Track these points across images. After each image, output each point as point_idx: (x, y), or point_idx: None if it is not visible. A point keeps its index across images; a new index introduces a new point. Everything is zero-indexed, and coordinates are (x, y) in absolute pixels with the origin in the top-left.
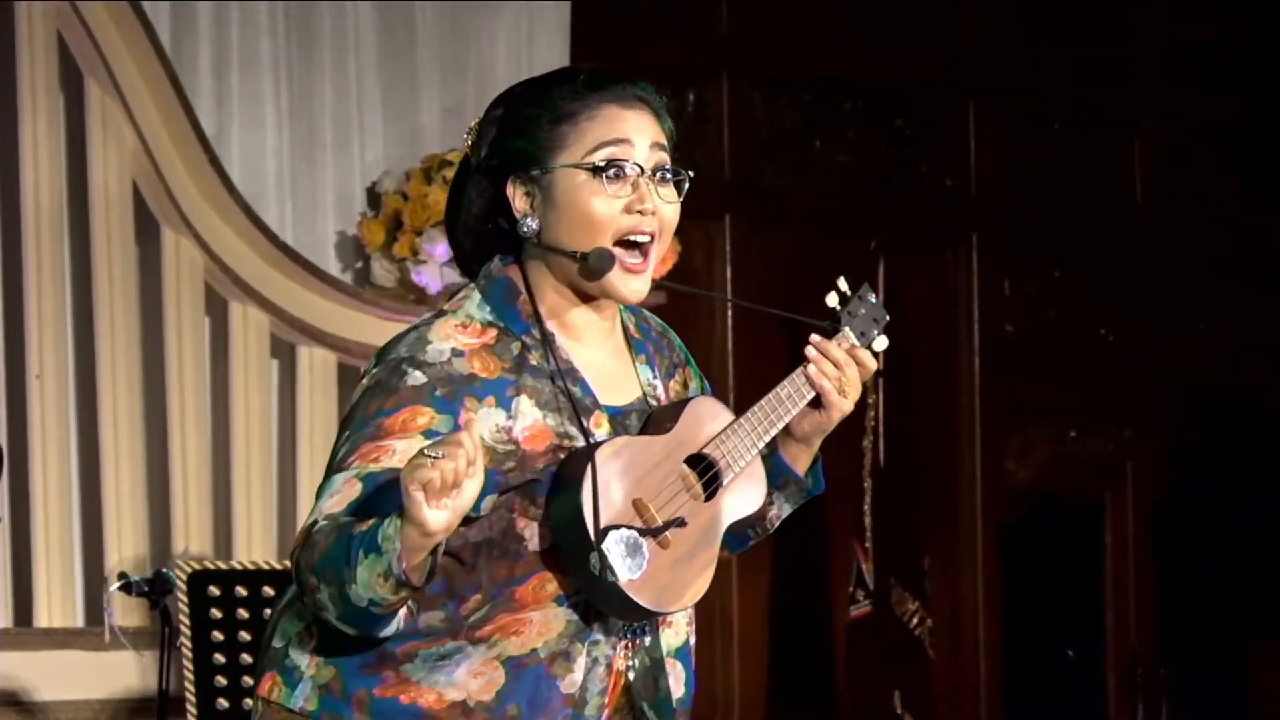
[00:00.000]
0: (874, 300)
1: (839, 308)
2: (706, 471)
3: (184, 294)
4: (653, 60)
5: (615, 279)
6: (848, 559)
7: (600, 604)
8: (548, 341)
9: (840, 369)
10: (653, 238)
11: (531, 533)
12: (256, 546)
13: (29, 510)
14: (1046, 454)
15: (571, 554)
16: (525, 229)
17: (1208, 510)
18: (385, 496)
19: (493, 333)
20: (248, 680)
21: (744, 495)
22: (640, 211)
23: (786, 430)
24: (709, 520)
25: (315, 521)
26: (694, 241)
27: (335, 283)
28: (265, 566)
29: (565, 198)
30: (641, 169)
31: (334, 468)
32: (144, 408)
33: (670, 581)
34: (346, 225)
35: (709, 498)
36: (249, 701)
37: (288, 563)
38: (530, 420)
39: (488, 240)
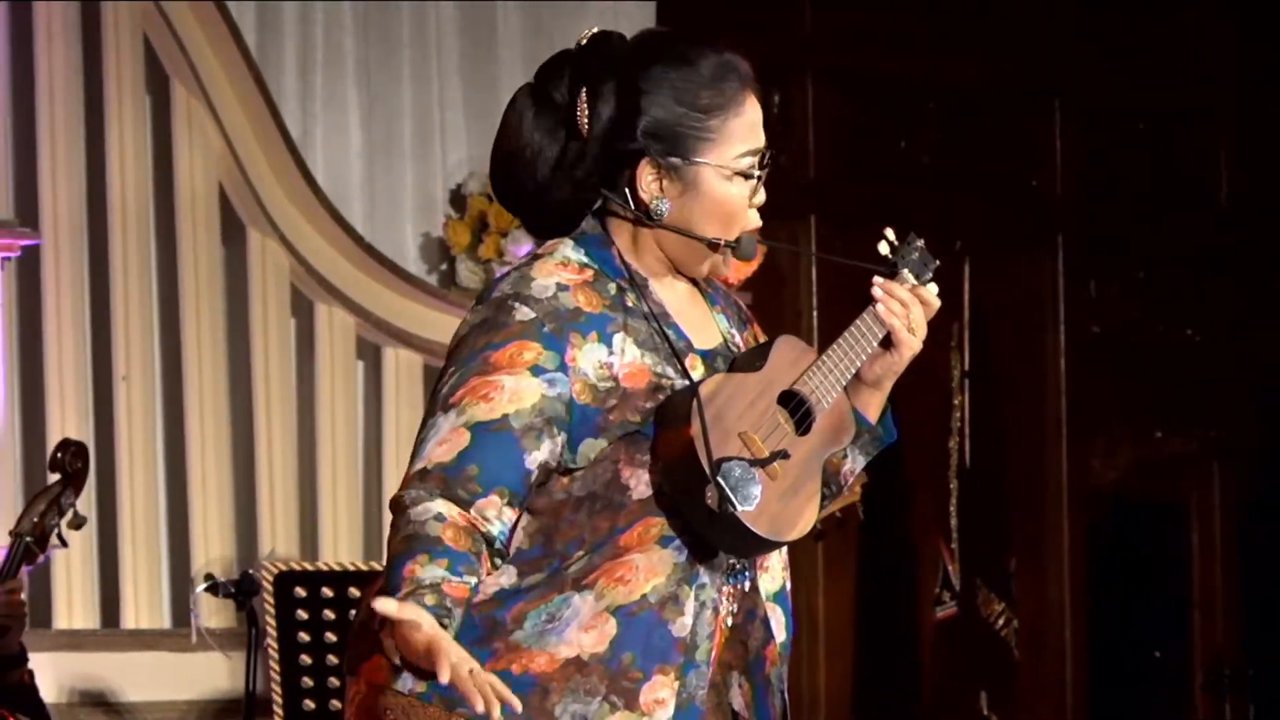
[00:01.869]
0: (923, 246)
1: (891, 255)
2: (799, 407)
3: (270, 296)
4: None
5: (718, 261)
6: (934, 560)
7: (716, 540)
8: (639, 285)
9: (906, 306)
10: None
11: (637, 480)
12: (342, 547)
13: (116, 512)
14: (1132, 454)
15: (685, 491)
16: (657, 210)
17: None
18: (490, 452)
19: (590, 272)
20: (334, 681)
21: (834, 431)
22: (754, 206)
23: (857, 376)
24: (808, 454)
25: (424, 469)
26: (779, 241)
27: (421, 284)
28: (351, 567)
29: (709, 192)
30: (761, 171)
31: (440, 403)
32: (230, 409)
33: (781, 511)
34: (429, 227)
35: (803, 432)
36: (335, 703)
37: (374, 564)
38: (630, 358)
39: (586, 186)
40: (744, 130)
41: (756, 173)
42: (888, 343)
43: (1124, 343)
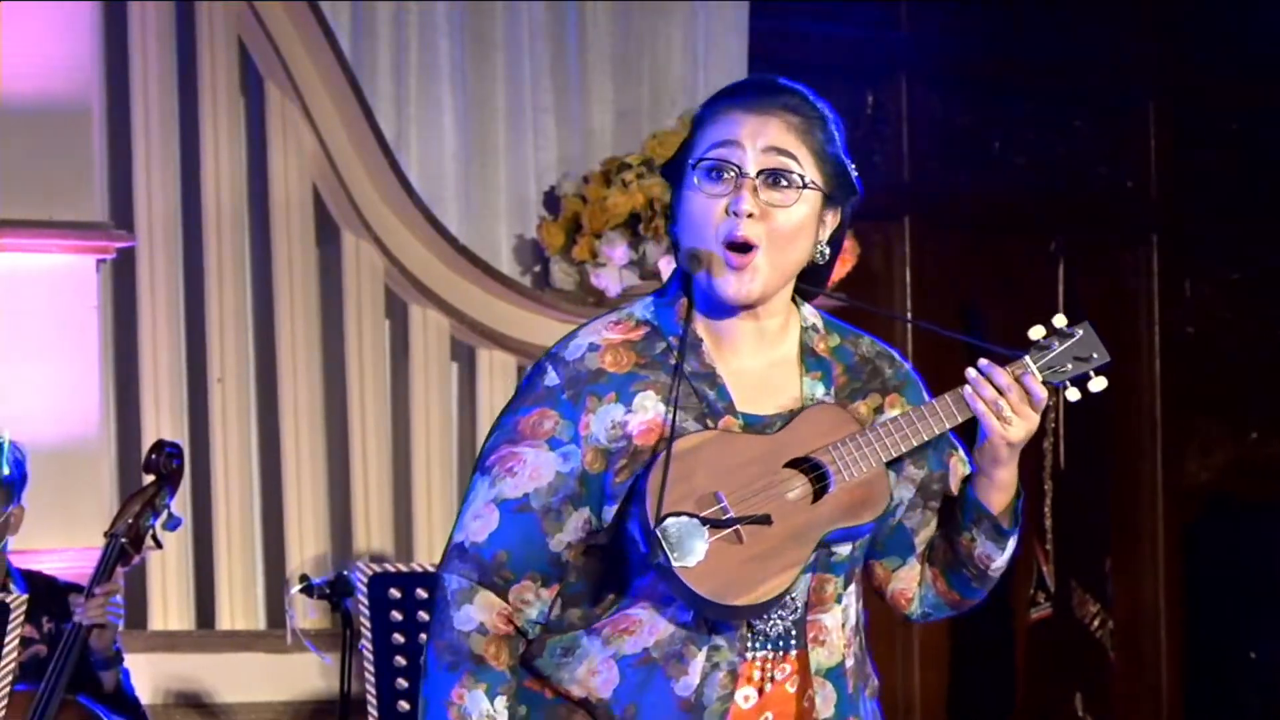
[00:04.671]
0: (1085, 337)
1: (1044, 338)
2: (817, 475)
3: (364, 297)
4: (831, 60)
5: (717, 279)
6: (1028, 561)
7: (674, 593)
8: (686, 342)
9: (1002, 393)
10: (750, 243)
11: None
12: (437, 549)
13: (211, 513)
14: (1227, 455)
15: (640, 541)
16: (670, 231)
17: None
18: (517, 538)
19: (643, 330)
20: None
21: (855, 506)
22: (735, 213)
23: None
24: (805, 523)
25: (461, 546)
26: (873, 243)
27: (514, 285)
28: None
29: (684, 198)
30: (740, 170)
31: (480, 464)
32: (324, 410)
33: (741, 576)
34: (522, 228)
35: (816, 499)
36: None
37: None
38: (650, 415)
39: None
40: (717, 130)
41: (724, 168)
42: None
43: (1218, 343)
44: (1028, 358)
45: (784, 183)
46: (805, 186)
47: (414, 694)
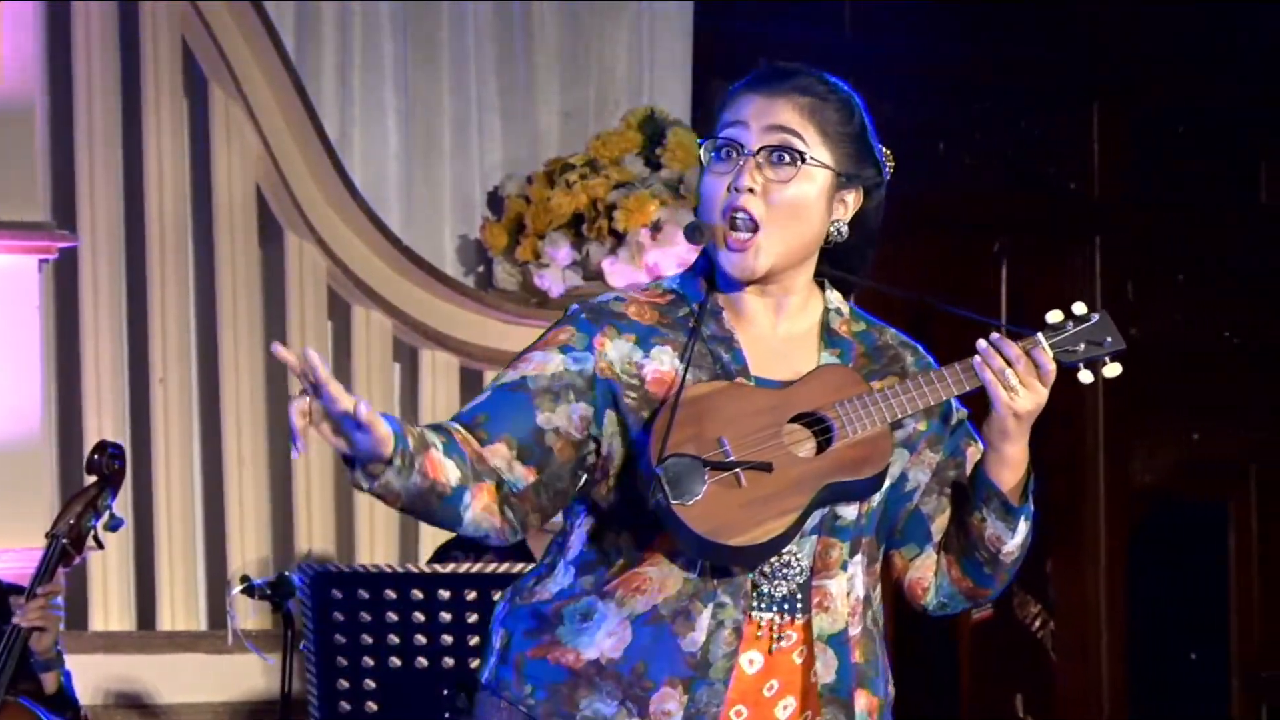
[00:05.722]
0: (1105, 324)
1: (1060, 322)
2: (820, 430)
3: (307, 297)
4: (775, 59)
5: (721, 255)
6: None
7: (672, 537)
8: (705, 308)
9: (1010, 364)
10: (752, 217)
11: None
12: (379, 549)
13: (152, 514)
14: (1171, 457)
15: (644, 483)
16: (695, 213)
17: None
18: (501, 406)
19: (669, 297)
20: (370, 683)
21: (855, 462)
22: (735, 189)
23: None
24: (804, 473)
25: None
26: None
27: (458, 286)
28: (388, 569)
29: (702, 179)
30: (741, 147)
31: None
32: (267, 411)
33: (738, 519)
34: (466, 229)
35: (819, 452)
36: (371, 704)
37: (410, 567)
38: (665, 367)
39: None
40: (727, 112)
41: (730, 147)
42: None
43: (1163, 346)
44: (1040, 335)
45: (786, 159)
46: (804, 162)
47: (355, 694)
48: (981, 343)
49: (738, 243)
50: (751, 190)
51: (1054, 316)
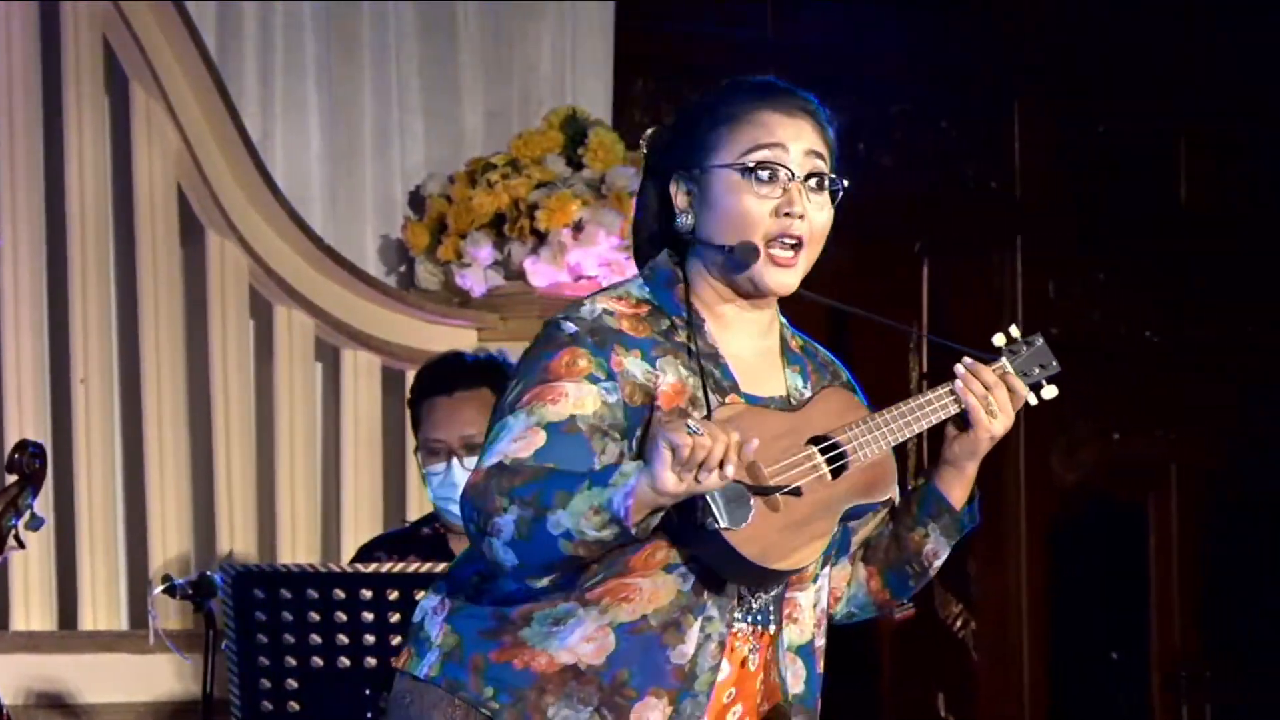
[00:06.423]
0: (1042, 346)
1: (1005, 345)
2: (836, 455)
3: (228, 297)
4: (696, 61)
5: (764, 270)
6: None
7: (709, 560)
8: (693, 323)
9: (989, 389)
10: (801, 241)
11: None
12: (301, 549)
13: (74, 513)
14: (1091, 456)
15: (682, 509)
16: (680, 224)
17: (1252, 512)
18: (566, 452)
19: (646, 308)
20: (292, 683)
21: (868, 485)
22: (789, 214)
23: (940, 457)
24: (828, 498)
25: (501, 463)
26: None
27: (380, 286)
28: (310, 568)
29: (719, 196)
30: (793, 174)
31: (507, 409)
32: (188, 411)
33: (778, 542)
34: (388, 228)
35: (834, 476)
36: (294, 704)
37: (332, 566)
38: (673, 379)
39: (658, 240)
40: (756, 131)
41: (774, 170)
42: (968, 424)
43: (1083, 344)
44: (1004, 360)
45: (825, 185)
46: (838, 190)
47: (277, 694)
48: (960, 369)
49: (787, 260)
50: (802, 216)
51: (1000, 340)
